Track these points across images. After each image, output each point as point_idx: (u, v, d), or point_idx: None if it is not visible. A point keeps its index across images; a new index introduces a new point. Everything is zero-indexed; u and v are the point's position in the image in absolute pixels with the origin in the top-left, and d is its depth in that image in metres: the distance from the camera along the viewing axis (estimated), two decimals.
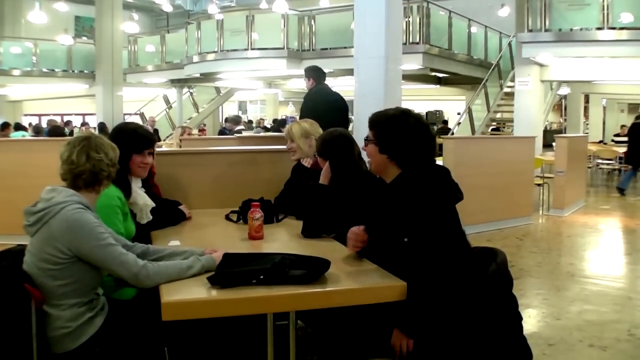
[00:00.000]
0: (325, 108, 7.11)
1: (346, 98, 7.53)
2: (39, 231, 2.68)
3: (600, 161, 17.69)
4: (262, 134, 14.51)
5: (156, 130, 18.53)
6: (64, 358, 2.71)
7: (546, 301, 5.73)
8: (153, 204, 3.84)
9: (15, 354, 2.61)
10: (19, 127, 15.39)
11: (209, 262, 2.78)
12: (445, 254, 2.73)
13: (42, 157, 7.80)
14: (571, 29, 13.30)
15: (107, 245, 2.66)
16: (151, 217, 3.77)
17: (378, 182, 3.13)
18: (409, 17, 14.83)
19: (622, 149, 15.80)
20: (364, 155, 3.38)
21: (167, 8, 25.48)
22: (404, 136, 2.91)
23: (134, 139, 3.65)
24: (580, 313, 5.40)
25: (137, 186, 3.70)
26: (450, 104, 29.58)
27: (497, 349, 2.75)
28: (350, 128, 7.76)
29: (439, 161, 8.51)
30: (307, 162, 4.45)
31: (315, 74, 7.65)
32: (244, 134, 12.97)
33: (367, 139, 3.05)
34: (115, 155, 2.92)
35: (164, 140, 18.10)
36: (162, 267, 2.67)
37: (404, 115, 2.97)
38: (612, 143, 18.86)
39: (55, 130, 11.36)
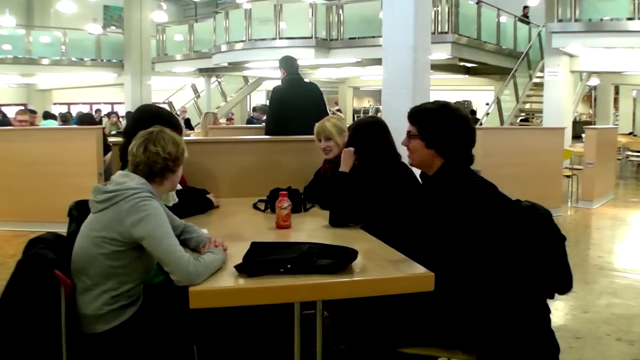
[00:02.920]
0: (301, 100, 7.11)
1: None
2: (105, 210, 2.73)
3: (630, 153, 17.51)
4: None
5: (188, 120, 18.62)
6: (91, 339, 2.75)
7: (574, 294, 5.67)
8: (179, 187, 3.88)
9: (43, 340, 2.64)
10: (48, 115, 15.46)
11: (224, 257, 2.80)
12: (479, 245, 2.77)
13: (71, 145, 7.92)
14: (601, 19, 13.13)
15: (168, 235, 2.69)
16: (177, 199, 3.81)
17: (411, 173, 3.15)
18: (438, 7, 14.72)
19: None
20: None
21: None
22: (450, 129, 2.95)
23: (177, 124, 3.74)
24: (608, 306, 5.37)
25: None
26: (478, 94, 29.41)
27: (525, 341, 2.74)
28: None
29: None
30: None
31: (287, 64, 7.55)
32: None
33: (409, 134, 3.06)
34: (175, 151, 2.95)
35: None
36: (208, 262, 2.66)
37: (446, 109, 3.02)
38: None
39: (85, 118, 11.39)
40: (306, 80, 7.62)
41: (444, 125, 2.96)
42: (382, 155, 3.81)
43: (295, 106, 7.01)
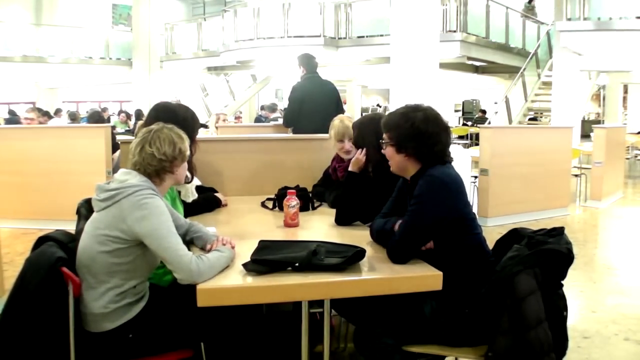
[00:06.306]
0: (319, 98, 7.13)
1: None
2: (108, 208, 2.73)
3: (638, 152, 17.44)
4: None
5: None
6: (97, 338, 2.76)
7: (582, 293, 5.68)
8: (199, 182, 3.89)
9: (51, 338, 2.65)
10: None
11: (232, 255, 2.81)
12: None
13: (79, 143, 7.93)
14: (610, 18, 13.07)
15: (170, 234, 2.70)
16: (196, 195, 3.82)
17: None
18: (446, 5, 14.71)
19: None
20: None
21: None
22: (415, 131, 2.94)
23: (196, 121, 3.77)
24: (616, 306, 5.35)
25: None
26: (487, 93, 29.35)
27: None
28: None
29: (476, 150, 8.51)
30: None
31: (306, 62, 7.50)
32: (280, 121, 13.01)
33: (384, 142, 3.07)
34: (170, 151, 2.89)
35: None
36: (213, 260, 2.67)
37: (412, 111, 3.01)
38: None
39: (96, 117, 11.38)
40: (324, 78, 7.62)
41: (410, 128, 2.98)
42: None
43: (313, 104, 7.04)
